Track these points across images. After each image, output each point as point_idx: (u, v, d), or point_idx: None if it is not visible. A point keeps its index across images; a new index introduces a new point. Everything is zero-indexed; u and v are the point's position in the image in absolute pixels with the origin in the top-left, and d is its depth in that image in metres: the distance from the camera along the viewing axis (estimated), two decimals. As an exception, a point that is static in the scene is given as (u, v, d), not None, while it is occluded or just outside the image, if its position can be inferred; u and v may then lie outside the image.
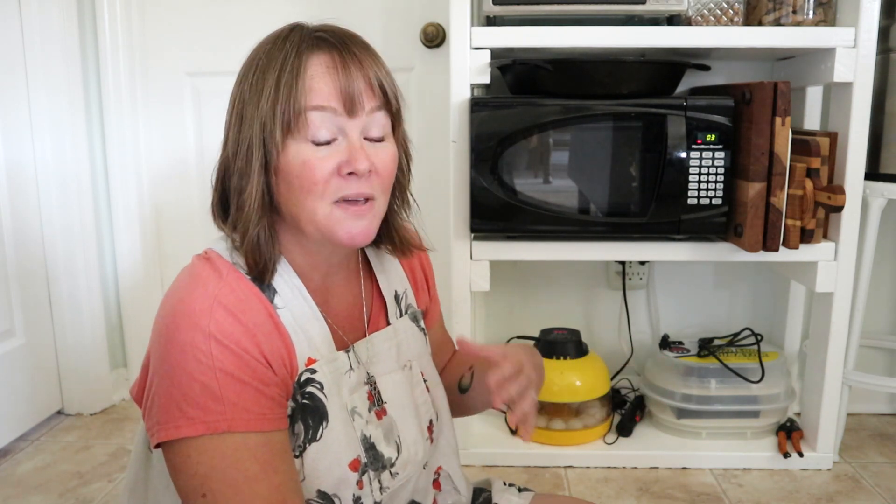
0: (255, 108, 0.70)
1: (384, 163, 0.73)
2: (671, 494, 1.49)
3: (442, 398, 0.89)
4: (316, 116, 0.69)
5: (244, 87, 0.72)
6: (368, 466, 0.76)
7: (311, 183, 0.70)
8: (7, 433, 1.70)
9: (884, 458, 1.63)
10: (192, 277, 0.71)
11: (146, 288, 1.97)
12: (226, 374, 0.66)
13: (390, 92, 0.74)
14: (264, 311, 0.71)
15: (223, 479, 0.66)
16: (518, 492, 0.95)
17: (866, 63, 1.40)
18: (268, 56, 0.71)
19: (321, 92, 0.69)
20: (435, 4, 1.79)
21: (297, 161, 0.70)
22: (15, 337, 1.73)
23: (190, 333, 0.66)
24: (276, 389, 0.70)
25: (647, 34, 1.42)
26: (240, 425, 0.67)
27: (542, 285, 1.89)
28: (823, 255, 1.46)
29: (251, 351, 0.68)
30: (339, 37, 0.73)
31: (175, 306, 0.69)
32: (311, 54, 0.71)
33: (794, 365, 1.79)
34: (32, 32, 1.71)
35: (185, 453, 0.67)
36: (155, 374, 0.69)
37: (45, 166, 1.76)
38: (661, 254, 1.48)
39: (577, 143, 1.42)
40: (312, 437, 0.72)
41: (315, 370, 0.74)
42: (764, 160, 1.34)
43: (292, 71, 0.69)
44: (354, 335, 0.82)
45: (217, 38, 1.86)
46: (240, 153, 0.71)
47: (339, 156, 0.70)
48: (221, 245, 0.75)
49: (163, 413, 0.67)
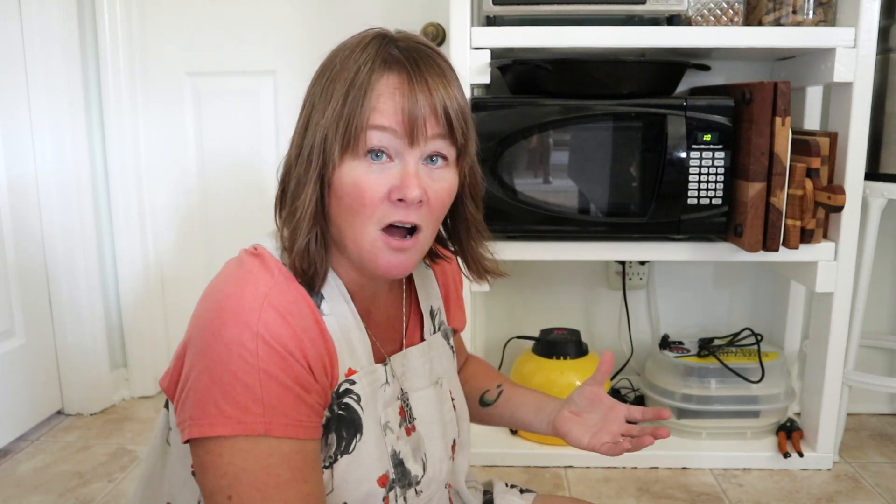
0: (321, 117, 0.69)
1: (438, 193, 0.71)
2: (671, 494, 1.49)
3: (465, 419, 0.89)
4: (375, 136, 0.68)
5: (316, 89, 0.71)
6: (396, 483, 0.75)
7: (360, 204, 0.69)
8: (7, 433, 1.70)
9: (884, 458, 1.63)
10: (242, 273, 0.70)
11: (146, 288, 1.97)
12: (269, 376, 0.65)
13: (456, 122, 0.71)
14: (312, 316, 0.70)
15: (253, 482, 0.65)
16: (520, 493, 0.95)
17: (866, 63, 1.40)
18: (342, 64, 0.70)
19: (384, 112, 0.68)
20: (435, 4, 1.79)
21: (349, 179, 0.68)
22: (15, 337, 1.73)
23: (237, 330, 0.65)
24: (316, 397, 0.69)
25: (647, 34, 1.42)
26: (277, 430, 0.65)
27: (542, 285, 1.89)
28: (823, 255, 1.46)
29: (296, 355, 0.67)
30: (414, 57, 0.70)
31: (223, 301, 0.67)
32: (382, 72, 0.69)
33: (794, 365, 1.79)
34: (32, 32, 1.71)
35: (217, 452, 0.65)
36: (193, 368, 0.67)
37: (45, 166, 1.76)
38: (661, 254, 1.48)
39: (577, 143, 1.42)
40: (345, 450, 0.72)
41: (354, 381, 0.73)
42: (764, 160, 1.34)
43: (360, 87, 0.68)
44: (391, 348, 0.81)
45: (217, 38, 1.86)
46: (301, 158, 0.70)
47: (392, 180, 0.69)
48: (270, 243, 0.74)
49: (198, 408, 0.65)
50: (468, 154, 0.75)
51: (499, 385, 0.97)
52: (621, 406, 0.88)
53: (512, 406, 0.95)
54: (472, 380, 0.99)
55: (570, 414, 0.89)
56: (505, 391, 0.97)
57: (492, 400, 0.96)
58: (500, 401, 0.96)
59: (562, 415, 0.89)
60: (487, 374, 1.01)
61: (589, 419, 0.88)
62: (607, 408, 0.88)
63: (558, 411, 0.90)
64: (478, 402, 0.97)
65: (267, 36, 1.85)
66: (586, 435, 0.86)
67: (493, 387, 0.97)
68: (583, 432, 0.87)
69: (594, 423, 0.88)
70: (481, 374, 1.01)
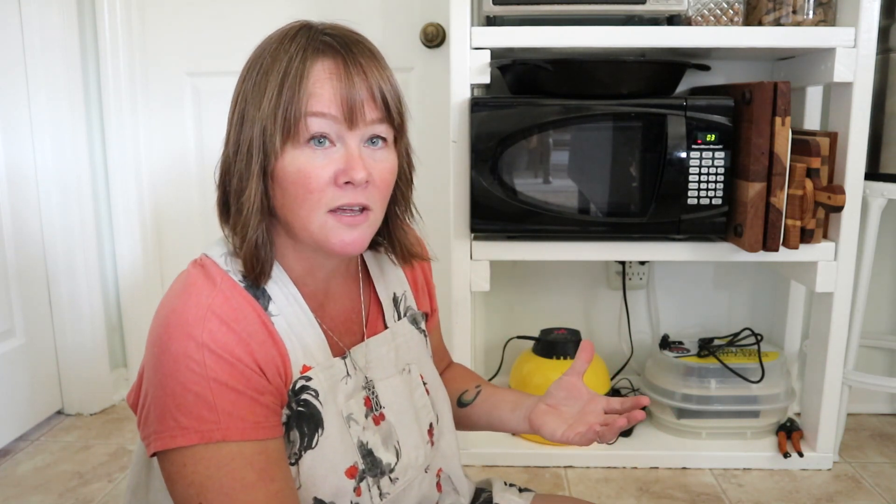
0: (257, 110, 0.69)
1: (382, 173, 0.72)
2: (671, 494, 1.49)
3: (443, 400, 0.89)
4: (315, 122, 0.69)
5: (247, 85, 0.72)
6: (366, 473, 0.75)
7: (307, 191, 0.69)
8: (7, 433, 1.70)
9: (884, 458, 1.63)
10: (185, 286, 0.71)
11: (146, 288, 1.97)
12: (219, 384, 0.66)
13: (393, 104, 0.72)
14: (258, 319, 0.71)
15: (219, 487, 0.66)
16: (519, 492, 0.95)
17: (866, 63, 1.40)
18: (272, 56, 0.70)
19: (322, 98, 0.69)
20: (435, 4, 1.79)
21: (293, 168, 0.69)
22: (15, 337, 1.73)
23: (183, 343, 0.66)
24: (271, 398, 0.70)
25: (647, 34, 1.42)
26: (235, 434, 0.66)
27: (542, 285, 1.89)
28: (823, 255, 1.46)
29: (245, 360, 0.68)
30: (346, 42, 0.71)
31: (168, 316, 0.68)
32: (315, 59, 0.69)
33: (794, 365, 1.79)
34: (32, 33, 1.71)
35: (181, 462, 0.67)
36: (149, 384, 0.69)
37: (45, 167, 1.76)
38: (661, 254, 1.48)
39: (577, 143, 1.42)
40: (308, 445, 0.72)
41: (310, 377, 0.73)
42: (764, 160, 1.34)
43: (295, 75, 0.68)
44: (352, 340, 0.81)
45: (217, 39, 1.86)
46: (240, 154, 0.71)
47: (336, 164, 0.70)
48: (217, 250, 0.75)
49: (157, 423, 0.67)
50: (405, 134, 0.77)
51: (477, 385, 0.96)
52: (600, 398, 0.84)
53: (489, 405, 0.93)
54: (451, 383, 0.98)
55: (546, 407, 0.86)
56: (483, 391, 0.95)
57: (469, 400, 0.95)
58: (478, 400, 0.94)
59: (538, 408, 0.86)
60: (466, 377, 1.00)
61: (566, 412, 0.85)
62: (585, 400, 0.85)
63: (535, 405, 0.87)
64: (457, 404, 0.96)
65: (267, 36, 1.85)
66: (560, 427, 0.83)
67: (471, 387, 0.96)
68: (557, 424, 0.83)
69: (571, 415, 0.84)
70: (460, 378, 1.00)
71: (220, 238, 0.76)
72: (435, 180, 1.72)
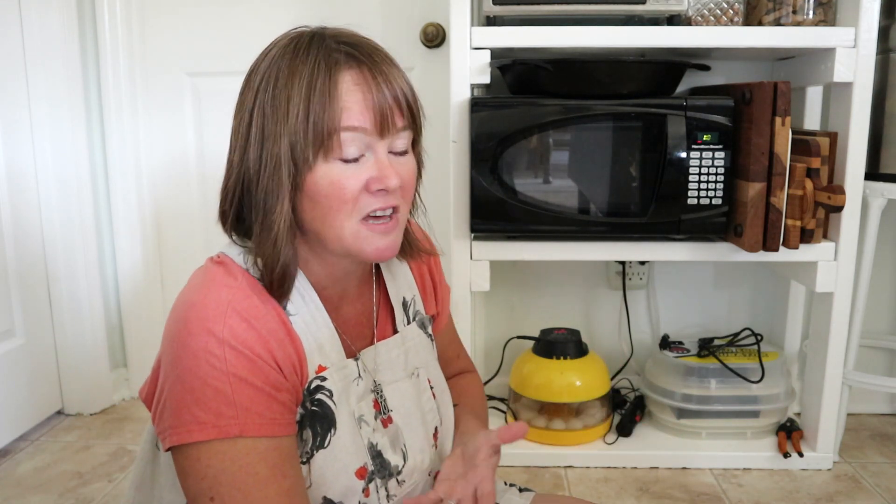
0: (283, 125, 0.68)
1: (408, 177, 0.74)
2: (671, 494, 1.49)
3: (447, 405, 0.89)
4: (348, 138, 0.69)
5: (264, 98, 0.70)
6: (375, 474, 0.76)
7: (341, 202, 0.70)
8: (7, 433, 1.70)
9: (884, 458, 1.63)
10: (204, 281, 0.71)
11: (146, 288, 1.97)
12: (239, 379, 0.67)
13: (415, 109, 0.74)
14: (277, 317, 0.71)
15: (232, 482, 0.66)
16: (519, 492, 0.95)
17: (866, 63, 1.40)
18: (290, 69, 0.69)
19: (353, 111, 0.68)
20: (435, 4, 1.79)
21: (325, 181, 0.69)
22: (15, 337, 1.73)
23: (203, 338, 0.66)
24: (287, 395, 0.70)
25: (647, 34, 1.42)
26: (251, 430, 0.67)
27: (542, 285, 1.89)
28: (823, 255, 1.46)
29: (264, 356, 0.68)
30: (366, 51, 0.71)
31: (188, 311, 0.68)
32: (339, 70, 0.69)
33: (794, 365, 1.79)
34: (32, 33, 1.71)
35: (195, 457, 0.67)
36: (166, 379, 0.69)
37: (45, 167, 1.76)
38: (661, 254, 1.48)
39: (577, 143, 1.42)
40: (320, 445, 0.73)
41: (325, 377, 0.74)
42: (764, 160, 1.34)
43: (323, 88, 0.68)
44: (362, 343, 0.82)
45: (217, 39, 1.86)
46: (266, 171, 0.69)
47: (368, 172, 0.70)
48: (235, 249, 0.75)
49: (174, 417, 0.67)
50: (421, 135, 0.78)
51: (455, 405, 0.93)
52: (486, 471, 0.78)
53: None
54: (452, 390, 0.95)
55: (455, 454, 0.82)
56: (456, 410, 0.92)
57: None
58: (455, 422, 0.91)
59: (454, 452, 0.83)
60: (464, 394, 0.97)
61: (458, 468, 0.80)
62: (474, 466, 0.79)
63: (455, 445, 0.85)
64: None
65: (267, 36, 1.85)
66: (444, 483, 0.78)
67: None
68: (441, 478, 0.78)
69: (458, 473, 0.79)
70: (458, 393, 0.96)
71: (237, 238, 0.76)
72: (435, 180, 1.71)
